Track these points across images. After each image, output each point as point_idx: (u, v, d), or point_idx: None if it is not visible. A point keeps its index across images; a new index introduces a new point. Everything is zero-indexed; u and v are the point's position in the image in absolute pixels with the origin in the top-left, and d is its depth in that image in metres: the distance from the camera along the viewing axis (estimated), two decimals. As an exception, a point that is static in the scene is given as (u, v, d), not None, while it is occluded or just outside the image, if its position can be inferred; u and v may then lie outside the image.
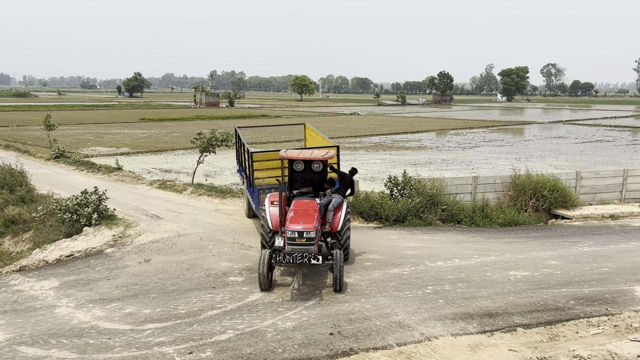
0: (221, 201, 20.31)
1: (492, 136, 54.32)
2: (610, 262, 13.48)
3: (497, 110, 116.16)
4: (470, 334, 9.18)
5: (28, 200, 19.66)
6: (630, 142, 50.19)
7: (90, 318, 9.99)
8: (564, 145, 46.34)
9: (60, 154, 31.09)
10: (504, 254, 14.11)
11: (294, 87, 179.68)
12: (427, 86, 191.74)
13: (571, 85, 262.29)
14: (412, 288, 11.37)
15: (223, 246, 14.53)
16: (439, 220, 17.76)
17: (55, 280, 12.23)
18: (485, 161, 34.75)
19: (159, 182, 23.56)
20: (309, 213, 11.58)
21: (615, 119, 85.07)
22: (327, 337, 9.01)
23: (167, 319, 9.85)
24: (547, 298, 10.82)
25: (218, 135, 23.08)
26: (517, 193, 19.31)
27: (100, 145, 40.18)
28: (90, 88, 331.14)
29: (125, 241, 15.00)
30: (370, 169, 30.54)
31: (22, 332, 9.43)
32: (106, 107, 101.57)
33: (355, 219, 17.33)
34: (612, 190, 20.92)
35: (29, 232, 17.32)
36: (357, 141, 46.63)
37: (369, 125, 64.38)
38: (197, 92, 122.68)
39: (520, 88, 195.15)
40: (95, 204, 16.51)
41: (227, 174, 27.87)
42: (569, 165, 32.42)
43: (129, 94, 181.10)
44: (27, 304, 10.81)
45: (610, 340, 8.87)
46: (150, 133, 51.15)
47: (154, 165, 31.22)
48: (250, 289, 11.33)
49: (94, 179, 24.55)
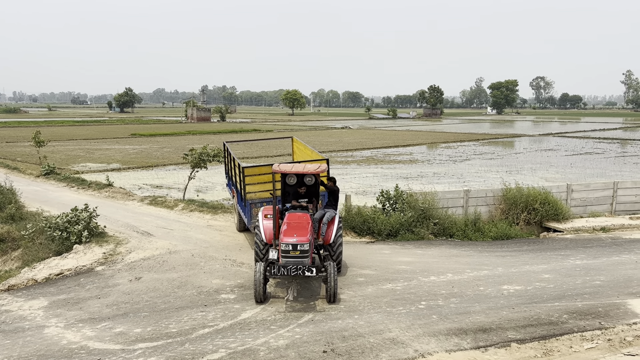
0: (213, 217, 20.21)
1: (482, 149, 54.62)
2: (602, 275, 13.51)
3: (488, 123, 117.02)
4: (464, 349, 9.12)
5: (17, 218, 19.46)
6: (620, 154, 50.62)
7: (80, 338, 9.83)
8: (554, 157, 46.65)
9: (50, 171, 30.87)
10: (496, 268, 14.10)
11: (285, 101, 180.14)
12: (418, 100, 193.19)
13: (560, 98, 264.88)
14: (405, 304, 11.31)
15: (215, 263, 14.42)
16: (432, 234, 17.76)
17: (45, 299, 12.06)
18: (476, 174, 34.88)
19: (150, 199, 23.42)
20: (302, 226, 11.70)
21: (604, 131, 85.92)
22: (320, 355, 8.92)
23: (158, 338, 9.72)
24: (541, 312, 10.80)
25: (209, 151, 23.04)
26: (509, 206, 19.37)
27: (90, 161, 39.96)
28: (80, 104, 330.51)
29: (116, 259, 14.85)
30: (362, 182, 30.56)
31: (10, 353, 9.25)
32: (97, 123, 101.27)
33: (347, 233, 17.28)
34: (603, 202, 21.04)
35: (17, 250, 17.11)
36: (348, 155, 46.71)
37: (361, 139, 64.56)
38: (189, 107, 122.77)
39: (509, 101, 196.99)
40: (85, 222, 16.36)
41: (219, 189, 27.77)
42: (560, 178, 32.62)
43: (120, 109, 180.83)
44: (16, 325, 10.63)
45: (604, 355, 8.85)
46: (141, 148, 50.97)
47: (145, 181, 31.06)
48: (242, 306, 11.23)
49: (84, 196, 24.37)
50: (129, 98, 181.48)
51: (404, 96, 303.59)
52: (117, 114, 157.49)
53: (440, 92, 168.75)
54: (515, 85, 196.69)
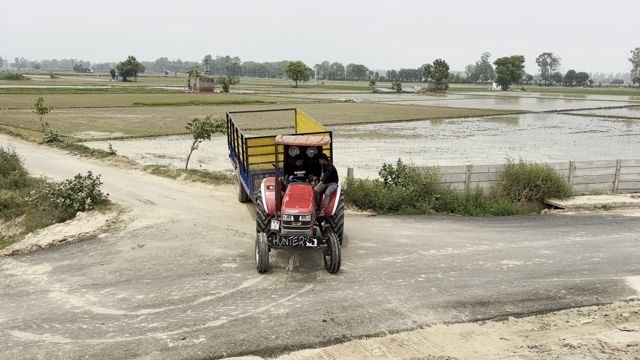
0: (215, 187, 20.27)
1: (486, 125, 54.36)
2: (601, 252, 13.59)
3: (492, 99, 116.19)
4: (462, 322, 9.25)
5: (21, 184, 19.54)
6: (624, 132, 50.38)
7: (83, 303, 9.98)
8: (558, 135, 46.45)
9: (53, 138, 30.87)
10: (496, 243, 14.19)
11: (288, 73, 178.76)
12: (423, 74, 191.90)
13: (566, 75, 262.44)
14: (405, 276, 11.42)
15: (217, 232, 14.52)
16: (433, 209, 17.81)
17: (48, 264, 12.20)
18: (479, 150, 34.81)
19: (153, 168, 23.46)
20: (304, 197, 11.79)
21: (610, 109, 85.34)
22: (320, 324, 9.06)
23: (161, 304, 9.86)
24: (539, 287, 10.91)
25: (212, 121, 22.97)
26: (511, 182, 19.38)
27: (93, 129, 39.91)
28: (83, 71, 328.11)
29: (119, 226, 14.96)
30: (365, 156, 30.53)
31: (15, 316, 9.41)
32: (99, 91, 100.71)
33: (349, 206, 17.34)
34: (605, 180, 21.03)
35: (21, 216, 17.23)
36: (351, 129, 46.56)
37: (364, 113, 64.26)
38: (192, 77, 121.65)
39: (515, 77, 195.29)
40: (89, 189, 16.43)
41: (221, 160, 27.79)
42: (563, 155, 32.54)
43: (123, 78, 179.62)
44: (20, 289, 10.78)
45: (600, 330, 8.96)
46: (144, 118, 50.84)
47: (147, 150, 31.08)
48: (244, 275, 11.35)
49: (87, 164, 24.42)
50: (132, 67, 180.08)
51: (409, 70, 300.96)
52: (120, 83, 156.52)
53: (446, 66, 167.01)
54: (522, 61, 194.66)
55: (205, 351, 8.10)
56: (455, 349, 8.28)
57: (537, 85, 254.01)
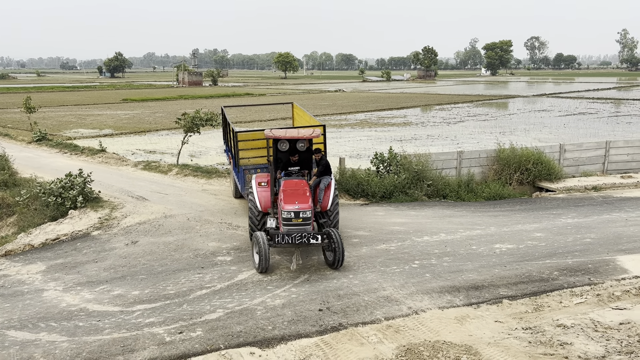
0: (207, 181, 20.24)
1: (476, 111, 54.47)
2: (593, 233, 13.72)
3: (482, 85, 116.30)
4: (457, 306, 9.33)
5: (11, 184, 19.41)
6: (613, 114, 50.64)
7: (78, 301, 9.97)
8: (548, 118, 46.63)
9: (42, 137, 30.63)
10: (489, 228, 14.29)
11: (277, 64, 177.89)
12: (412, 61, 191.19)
13: (554, 58, 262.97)
14: (399, 263, 11.49)
15: (210, 226, 14.52)
16: (425, 196, 17.88)
17: (42, 264, 12.16)
18: (470, 136, 34.89)
19: (144, 164, 23.37)
20: (302, 193, 11.44)
21: (598, 91, 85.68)
22: (316, 313, 9.11)
23: (157, 299, 9.88)
24: (532, 270, 11.01)
25: (202, 115, 22.86)
26: (502, 167, 19.49)
27: (82, 127, 39.62)
28: (70, 69, 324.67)
29: (112, 223, 14.93)
30: (356, 146, 30.54)
31: (10, 316, 9.39)
32: (87, 88, 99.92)
33: (341, 196, 17.38)
34: (595, 162, 21.19)
35: (12, 216, 17.14)
36: (342, 118, 46.51)
37: (354, 102, 64.17)
38: (180, 71, 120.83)
39: (504, 62, 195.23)
40: (80, 187, 16.36)
41: (213, 154, 27.71)
42: (553, 138, 32.69)
43: (111, 75, 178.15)
44: (14, 289, 10.75)
45: (593, 309, 9.07)
46: (133, 114, 50.52)
47: (138, 146, 30.91)
48: (238, 268, 11.37)
49: (77, 162, 24.28)
50: (119, 63, 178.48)
51: (398, 58, 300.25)
52: (108, 79, 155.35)
53: (435, 53, 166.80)
54: (510, 46, 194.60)
55: (202, 344, 8.13)
56: (451, 333, 8.36)
57: (526, 69, 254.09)
